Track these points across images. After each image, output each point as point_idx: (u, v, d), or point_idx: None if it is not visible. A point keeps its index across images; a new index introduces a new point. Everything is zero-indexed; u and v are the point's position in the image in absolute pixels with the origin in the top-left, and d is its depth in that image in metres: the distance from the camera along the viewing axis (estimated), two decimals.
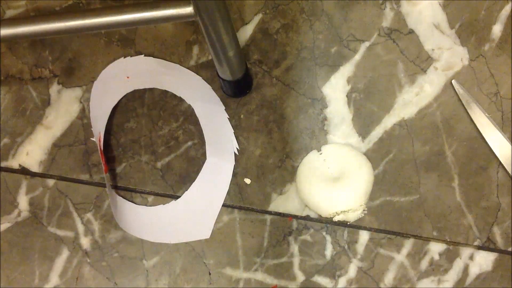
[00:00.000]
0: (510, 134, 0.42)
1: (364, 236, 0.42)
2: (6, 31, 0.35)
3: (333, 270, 0.42)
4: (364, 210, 0.40)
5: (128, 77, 0.44)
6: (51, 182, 0.45)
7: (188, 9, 0.32)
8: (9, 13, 0.47)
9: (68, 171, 0.45)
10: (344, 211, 0.40)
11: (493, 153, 0.41)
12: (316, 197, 0.40)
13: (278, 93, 0.43)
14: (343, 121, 0.43)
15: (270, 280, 0.42)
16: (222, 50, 0.36)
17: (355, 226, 0.42)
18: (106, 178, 0.43)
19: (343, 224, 0.42)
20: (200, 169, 0.43)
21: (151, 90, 0.44)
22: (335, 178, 0.41)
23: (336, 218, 0.40)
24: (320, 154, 0.42)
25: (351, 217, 0.40)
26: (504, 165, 0.41)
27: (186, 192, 0.43)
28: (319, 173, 0.41)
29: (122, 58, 0.44)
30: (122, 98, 0.44)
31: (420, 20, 0.43)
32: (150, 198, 0.44)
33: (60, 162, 0.45)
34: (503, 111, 0.42)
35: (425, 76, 0.43)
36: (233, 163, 0.43)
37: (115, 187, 0.44)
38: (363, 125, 0.43)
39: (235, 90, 0.43)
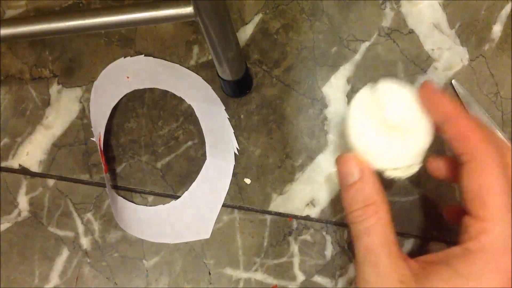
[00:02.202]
0: (510, 134, 0.42)
1: None
2: (6, 31, 0.35)
3: (333, 270, 0.42)
4: (420, 166, 0.33)
5: (128, 77, 0.44)
6: (51, 182, 0.45)
7: (188, 9, 0.32)
8: (9, 13, 0.47)
9: (68, 171, 0.45)
10: (399, 168, 0.33)
11: None
12: (369, 147, 0.32)
13: (278, 93, 0.43)
14: (343, 121, 0.43)
15: (270, 280, 0.42)
16: (222, 50, 0.36)
17: None
18: (106, 178, 0.43)
19: (343, 224, 0.42)
20: (200, 169, 0.43)
21: (151, 90, 0.44)
22: (391, 127, 0.32)
23: (387, 174, 0.33)
24: (375, 93, 0.33)
25: (404, 173, 0.33)
26: None
27: (186, 192, 0.43)
28: (372, 117, 0.33)
29: (122, 58, 0.44)
30: (122, 98, 0.44)
31: (420, 20, 0.43)
32: (150, 198, 0.44)
33: (60, 162, 0.45)
34: (503, 111, 0.42)
35: (425, 76, 0.43)
36: (233, 163, 0.43)
37: (115, 187, 0.44)
38: None
39: (235, 90, 0.43)
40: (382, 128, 0.32)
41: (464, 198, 0.28)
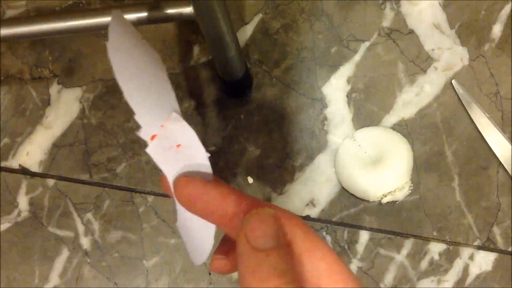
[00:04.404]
0: (510, 134, 0.42)
1: (364, 236, 0.42)
2: (6, 31, 0.35)
3: None
4: (410, 186, 0.41)
5: None
6: (51, 182, 0.45)
7: (188, 9, 0.32)
8: (9, 13, 0.47)
9: (68, 171, 0.45)
10: (391, 192, 0.40)
11: (493, 153, 0.41)
12: (361, 184, 0.40)
13: (278, 93, 0.43)
14: (343, 121, 0.43)
15: None
16: (222, 50, 0.36)
17: (355, 226, 0.42)
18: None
19: (343, 224, 0.42)
20: None
21: None
22: (374, 161, 0.41)
23: (384, 200, 0.40)
24: (354, 140, 0.42)
25: (399, 195, 0.40)
26: (504, 165, 0.41)
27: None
28: (358, 159, 0.41)
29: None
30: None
31: (420, 20, 0.43)
32: (150, 198, 0.44)
33: (60, 162, 0.45)
34: (503, 111, 0.42)
35: (425, 76, 0.43)
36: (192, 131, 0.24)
37: (116, 187, 0.44)
38: (363, 125, 0.43)
39: (235, 90, 0.43)
40: (367, 165, 0.40)
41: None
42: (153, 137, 0.24)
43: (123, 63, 0.25)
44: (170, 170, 0.24)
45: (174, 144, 0.25)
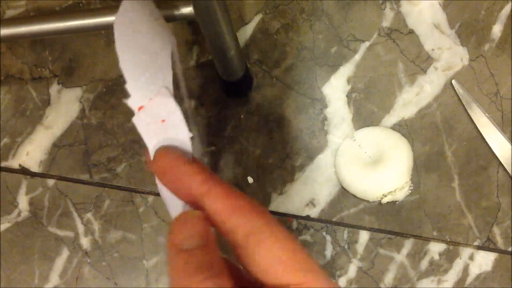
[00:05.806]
0: (510, 134, 0.42)
1: (364, 236, 0.42)
2: (6, 31, 0.35)
3: (333, 270, 0.42)
4: (410, 186, 0.41)
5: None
6: (51, 182, 0.45)
7: (188, 9, 0.32)
8: (9, 13, 0.47)
9: (68, 171, 0.45)
10: (391, 192, 0.40)
11: (493, 153, 0.41)
12: (361, 184, 0.41)
13: (278, 93, 0.43)
14: (343, 121, 0.43)
15: None
16: (222, 50, 0.36)
17: (355, 226, 0.42)
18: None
19: (343, 224, 0.42)
20: None
21: None
22: (374, 161, 0.41)
23: (384, 200, 0.41)
24: (354, 140, 0.42)
25: (399, 195, 0.41)
26: (504, 165, 0.41)
27: None
28: (358, 159, 0.41)
29: None
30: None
31: (420, 20, 0.43)
32: (150, 198, 0.44)
33: (60, 162, 0.45)
34: (503, 111, 0.42)
35: (425, 76, 0.43)
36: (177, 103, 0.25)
37: (116, 187, 0.44)
38: (363, 125, 0.43)
39: (236, 90, 0.43)
40: (367, 165, 0.41)
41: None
42: (140, 108, 0.25)
43: (125, 33, 0.26)
44: (152, 143, 0.25)
45: (159, 119, 0.26)
